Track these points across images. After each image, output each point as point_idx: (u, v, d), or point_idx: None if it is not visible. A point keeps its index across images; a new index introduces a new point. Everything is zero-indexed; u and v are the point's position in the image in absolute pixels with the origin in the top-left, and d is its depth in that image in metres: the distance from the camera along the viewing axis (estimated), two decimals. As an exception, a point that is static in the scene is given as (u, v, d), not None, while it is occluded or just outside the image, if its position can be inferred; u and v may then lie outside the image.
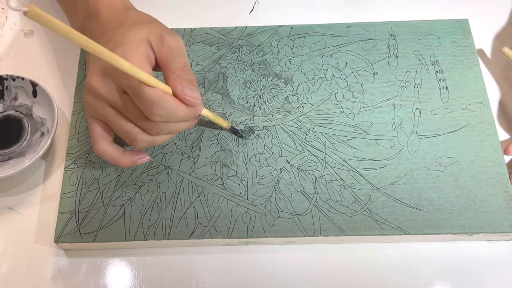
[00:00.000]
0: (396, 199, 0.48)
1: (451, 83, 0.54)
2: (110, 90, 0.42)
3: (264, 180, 0.50)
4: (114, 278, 0.48)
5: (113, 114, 0.44)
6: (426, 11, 0.61)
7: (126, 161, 0.46)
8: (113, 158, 0.46)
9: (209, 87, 0.55)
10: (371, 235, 0.47)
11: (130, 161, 0.47)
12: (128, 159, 0.46)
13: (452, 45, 0.56)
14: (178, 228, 0.48)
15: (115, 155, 0.46)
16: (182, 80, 0.42)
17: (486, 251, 0.48)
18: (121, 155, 0.46)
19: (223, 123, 0.50)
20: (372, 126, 0.52)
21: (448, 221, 0.47)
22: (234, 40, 0.57)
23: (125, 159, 0.46)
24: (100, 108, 0.44)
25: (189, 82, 0.43)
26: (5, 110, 0.54)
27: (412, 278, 0.47)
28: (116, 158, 0.46)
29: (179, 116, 0.43)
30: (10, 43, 0.60)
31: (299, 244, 0.49)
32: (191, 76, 0.43)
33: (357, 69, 0.55)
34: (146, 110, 0.41)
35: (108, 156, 0.46)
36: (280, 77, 0.55)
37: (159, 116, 0.41)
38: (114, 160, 0.46)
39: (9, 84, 0.53)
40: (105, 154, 0.46)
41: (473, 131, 0.52)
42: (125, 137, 0.44)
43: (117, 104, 0.43)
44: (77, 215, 0.48)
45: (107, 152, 0.46)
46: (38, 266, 0.48)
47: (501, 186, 0.49)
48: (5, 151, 0.52)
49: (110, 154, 0.46)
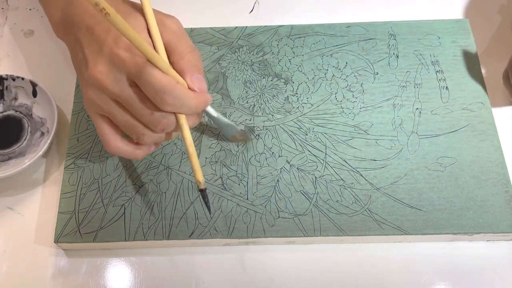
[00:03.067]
0: (396, 199, 0.48)
1: (451, 83, 0.54)
2: (117, 81, 0.41)
3: (264, 180, 0.50)
4: (114, 278, 0.48)
5: (118, 109, 0.42)
6: (426, 11, 0.61)
7: (141, 153, 0.45)
8: (128, 152, 0.45)
9: (209, 87, 0.55)
10: (371, 235, 0.47)
11: (145, 152, 0.45)
12: (143, 150, 0.45)
13: (452, 45, 0.56)
14: (178, 228, 0.48)
15: (129, 149, 0.45)
16: (192, 68, 0.41)
17: (486, 251, 0.48)
18: (135, 148, 0.45)
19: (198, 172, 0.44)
20: (372, 126, 0.52)
21: (448, 221, 0.47)
22: (234, 40, 0.57)
23: (141, 151, 0.45)
24: (104, 103, 0.42)
25: (198, 70, 0.42)
26: (5, 110, 0.54)
27: (412, 278, 0.47)
28: (131, 153, 0.45)
29: (190, 106, 0.41)
30: (10, 43, 0.60)
31: (299, 244, 0.49)
32: (199, 61, 0.43)
33: (357, 69, 0.55)
34: (157, 99, 0.40)
35: (122, 152, 0.44)
36: (280, 77, 0.55)
37: (170, 105, 0.40)
38: (130, 155, 0.45)
39: (9, 84, 0.53)
40: (119, 151, 0.44)
41: (473, 131, 0.52)
42: (132, 132, 0.43)
43: (123, 98, 0.41)
44: (77, 215, 0.48)
45: (121, 148, 0.44)
46: (38, 266, 0.48)
47: (501, 186, 0.49)
48: (5, 151, 0.52)
49: (124, 149, 0.44)
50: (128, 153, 0.45)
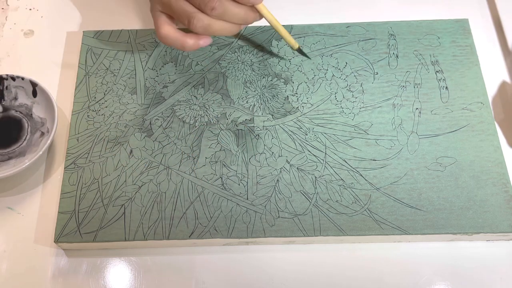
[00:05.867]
0: (396, 199, 0.48)
1: (451, 83, 0.54)
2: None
3: (264, 180, 0.50)
4: (114, 278, 0.48)
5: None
6: (426, 11, 0.61)
7: (190, 42, 0.48)
8: (178, 38, 0.48)
9: (209, 87, 0.55)
10: (371, 235, 0.47)
11: (194, 42, 0.48)
12: (192, 39, 0.48)
13: (452, 45, 0.56)
14: (178, 228, 0.48)
15: (179, 35, 0.48)
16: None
17: (486, 251, 0.48)
18: (185, 35, 0.48)
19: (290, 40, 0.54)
20: (372, 126, 0.52)
21: (448, 221, 0.47)
22: (234, 40, 0.57)
23: (190, 39, 0.48)
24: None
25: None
26: (5, 110, 0.54)
27: (412, 278, 0.47)
28: (180, 38, 0.48)
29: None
30: (10, 43, 0.60)
31: (299, 244, 0.49)
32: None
33: (357, 69, 0.55)
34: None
35: (172, 36, 0.48)
36: (280, 77, 0.55)
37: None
38: (179, 41, 0.48)
39: (9, 84, 0.53)
40: (169, 35, 0.47)
41: (473, 131, 0.52)
42: (184, 16, 0.46)
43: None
44: (77, 215, 0.48)
45: (171, 33, 0.48)
46: (38, 266, 0.48)
47: (501, 186, 0.49)
48: (5, 151, 0.52)
49: (175, 34, 0.48)
50: (178, 38, 0.48)
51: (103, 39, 0.58)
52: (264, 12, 0.50)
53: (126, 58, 0.56)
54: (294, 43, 0.54)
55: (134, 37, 0.58)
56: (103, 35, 0.58)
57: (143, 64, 0.56)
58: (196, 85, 0.55)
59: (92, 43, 0.57)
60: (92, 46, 0.57)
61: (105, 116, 0.53)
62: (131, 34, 0.58)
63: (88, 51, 0.57)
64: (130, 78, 0.55)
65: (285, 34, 0.53)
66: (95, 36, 0.58)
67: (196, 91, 0.54)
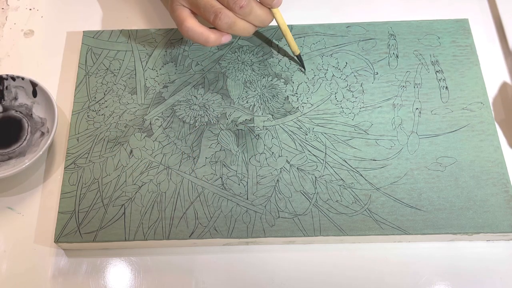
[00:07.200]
0: (396, 199, 0.48)
1: (451, 83, 0.54)
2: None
3: (264, 180, 0.50)
4: (114, 278, 0.48)
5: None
6: (426, 11, 0.61)
7: (213, 36, 0.49)
8: (202, 32, 0.48)
9: (209, 87, 0.55)
10: (371, 235, 0.47)
11: (217, 37, 0.49)
12: (215, 34, 0.49)
13: (452, 45, 0.56)
14: (178, 228, 0.48)
15: (204, 29, 0.49)
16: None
17: (486, 251, 0.48)
18: (209, 30, 0.48)
19: (294, 46, 0.54)
20: (372, 126, 0.52)
21: (448, 221, 0.47)
22: (234, 40, 0.57)
23: (213, 34, 0.49)
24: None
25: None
26: (5, 110, 0.54)
27: (412, 278, 0.47)
28: (204, 32, 0.48)
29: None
30: (10, 43, 0.60)
31: (299, 244, 0.49)
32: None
33: (357, 69, 0.55)
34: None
35: (197, 30, 0.48)
36: (280, 77, 0.55)
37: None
38: (202, 35, 0.48)
39: (9, 84, 0.53)
40: (194, 28, 0.48)
41: (473, 131, 0.52)
42: (210, 12, 0.47)
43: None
44: (77, 215, 0.48)
45: (196, 26, 0.48)
46: (38, 266, 0.48)
47: (501, 186, 0.49)
48: (5, 151, 0.52)
49: (199, 28, 0.48)
50: (202, 32, 0.49)
51: (103, 39, 0.58)
52: (277, 15, 0.52)
53: (126, 58, 0.57)
54: (296, 49, 0.55)
55: (134, 37, 0.58)
56: (103, 35, 0.58)
57: (143, 64, 0.56)
58: (196, 85, 0.55)
59: (92, 43, 0.57)
60: (92, 46, 0.57)
61: (105, 116, 0.53)
62: (131, 34, 0.58)
63: (88, 51, 0.57)
64: (130, 78, 0.55)
65: (290, 39, 0.54)
66: (95, 36, 0.58)
67: (196, 91, 0.55)
